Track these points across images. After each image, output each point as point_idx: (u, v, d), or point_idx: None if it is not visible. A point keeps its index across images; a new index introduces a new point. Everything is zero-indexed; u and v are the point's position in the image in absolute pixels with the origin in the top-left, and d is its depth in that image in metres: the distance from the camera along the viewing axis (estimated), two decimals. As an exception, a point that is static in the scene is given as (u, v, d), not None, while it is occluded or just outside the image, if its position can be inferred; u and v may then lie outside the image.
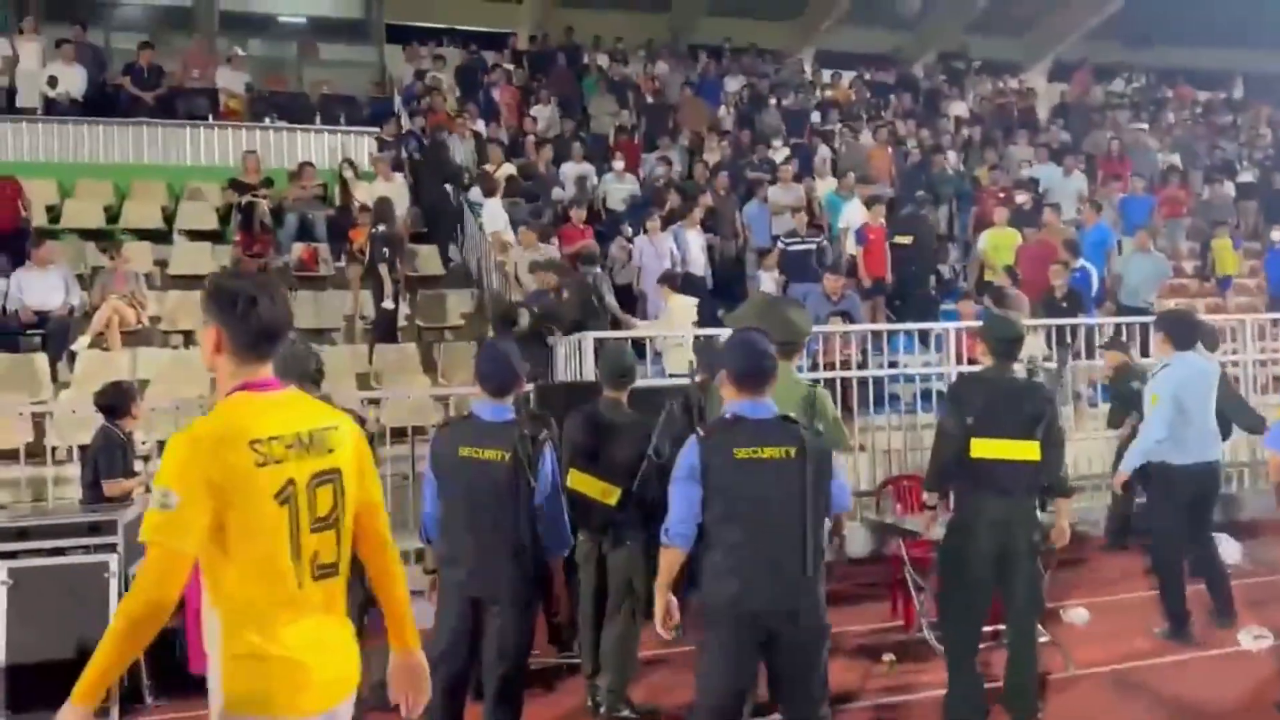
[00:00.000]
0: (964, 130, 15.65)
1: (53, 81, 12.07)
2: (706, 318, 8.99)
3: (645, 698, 4.98)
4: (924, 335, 9.21)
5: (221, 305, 2.35)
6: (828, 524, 3.60)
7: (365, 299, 10.29)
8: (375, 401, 8.81)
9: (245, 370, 2.35)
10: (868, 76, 17.57)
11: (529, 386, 6.22)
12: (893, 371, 8.66)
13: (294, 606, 2.30)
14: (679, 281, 9.95)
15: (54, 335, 8.83)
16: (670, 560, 3.38)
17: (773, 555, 3.27)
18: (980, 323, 5.73)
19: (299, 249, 11.02)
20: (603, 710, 4.83)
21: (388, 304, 9.79)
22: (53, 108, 12.10)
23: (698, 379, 5.81)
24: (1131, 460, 5.93)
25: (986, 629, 4.75)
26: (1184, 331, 5.82)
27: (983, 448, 4.41)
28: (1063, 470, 4.60)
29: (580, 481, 4.78)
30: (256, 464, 2.25)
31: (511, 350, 4.01)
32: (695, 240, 10.92)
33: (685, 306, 9.39)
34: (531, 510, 3.78)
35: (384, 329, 9.87)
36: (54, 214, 11.15)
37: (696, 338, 7.61)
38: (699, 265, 10.87)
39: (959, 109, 16.63)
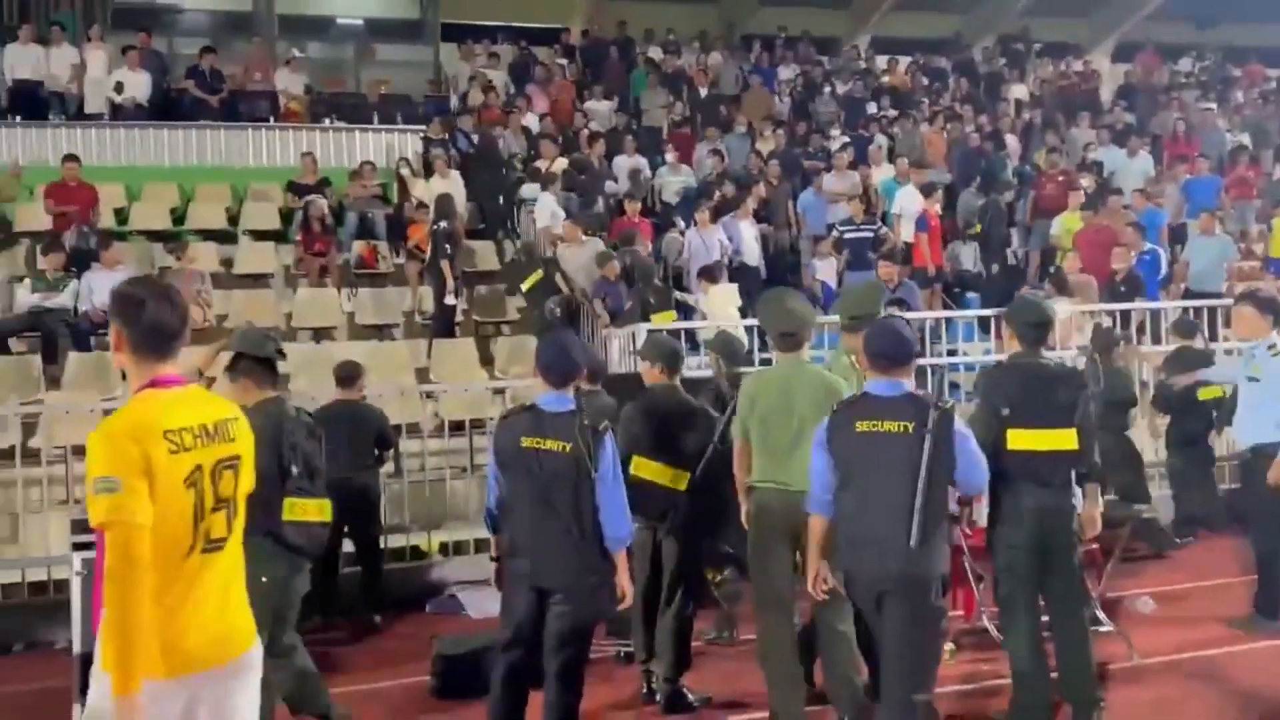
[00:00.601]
0: (1024, 114, 15.36)
1: (119, 87, 12.41)
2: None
3: (699, 685, 4.99)
4: (984, 322, 9.08)
5: (120, 309, 2.61)
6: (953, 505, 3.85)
7: (424, 294, 10.43)
8: (433, 395, 8.96)
9: (147, 368, 2.59)
10: (924, 62, 17.32)
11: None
12: (952, 360, 8.55)
13: (184, 578, 2.53)
14: (719, 274, 9.94)
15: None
16: (814, 527, 3.78)
17: (880, 526, 3.51)
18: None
19: (359, 247, 11.21)
20: (658, 698, 4.86)
21: (448, 299, 9.92)
22: (120, 113, 12.44)
23: (722, 370, 5.79)
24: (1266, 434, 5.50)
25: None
26: None
27: (1020, 439, 4.27)
28: (1094, 456, 4.44)
29: (646, 468, 4.77)
30: (170, 452, 2.50)
31: (573, 340, 4.04)
32: (748, 230, 10.88)
33: (725, 298, 9.40)
34: (593, 500, 3.80)
35: (443, 324, 9.99)
36: (122, 216, 11.47)
37: (722, 331, 7.54)
38: (752, 255, 10.83)
39: (1019, 92, 16.33)
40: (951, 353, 8.60)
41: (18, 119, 12.01)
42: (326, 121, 13.32)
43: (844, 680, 4.22)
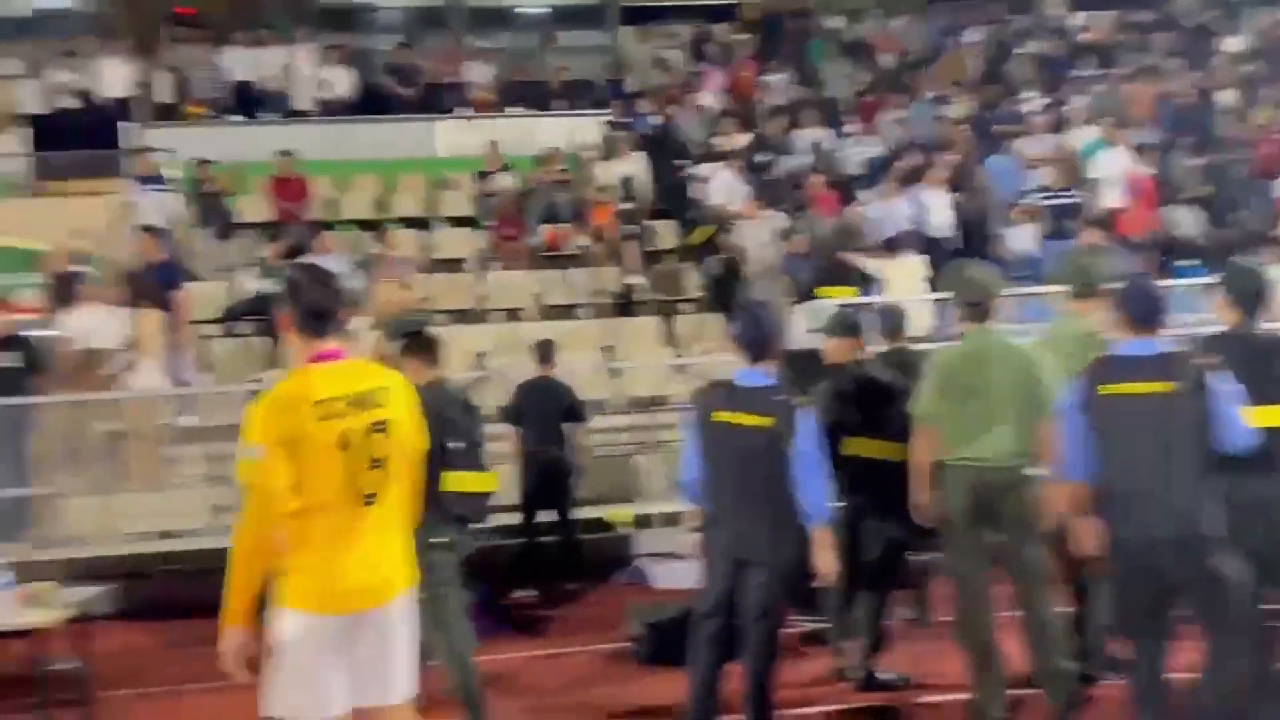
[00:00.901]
0: (1241, 68, 14.13)
1: (325, 85, 13.24)
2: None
3: (893, 666, 4.93)
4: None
5: (283, 293, 3.06)
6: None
7: (608, 275, 10.66)
8: (617, 373, 9.17)
9: (309, 345, 2.95)
10: (1126, 16, 16.17)
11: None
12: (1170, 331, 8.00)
13: (342, 529, 2.87)
14: (903, 246, 9.66)
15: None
16: (1070, 493, 3.73)
17: (1138, 486, 3.50)
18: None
19: (545, 230, 11.55)
20: (850, 676, 4.83)
21: (630, 279, 10.10)
22: (326, 109, 13.27)
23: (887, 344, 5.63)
24: None
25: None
26: None
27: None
28: None
29: (862, 446, 4.72)
30: (319, 419, 2.84)
31: (769, 314, 4.04)
32: (938, 200, 10.51)
33: (907, 271, 9.15)
34: (791, 476, 3.79)
35: (626, 303, 10.19)
36: (331, 207, 12.24)
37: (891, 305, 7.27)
38: (943, 226, 10.46)
39: (1234, 45, 15.02)
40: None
41: (239, 118, 13.02)
42: (513, 109, 13.76)
43: (1054, 668, 4.08)
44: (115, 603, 6.05)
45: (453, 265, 11.41)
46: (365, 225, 11.90)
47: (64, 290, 8.63)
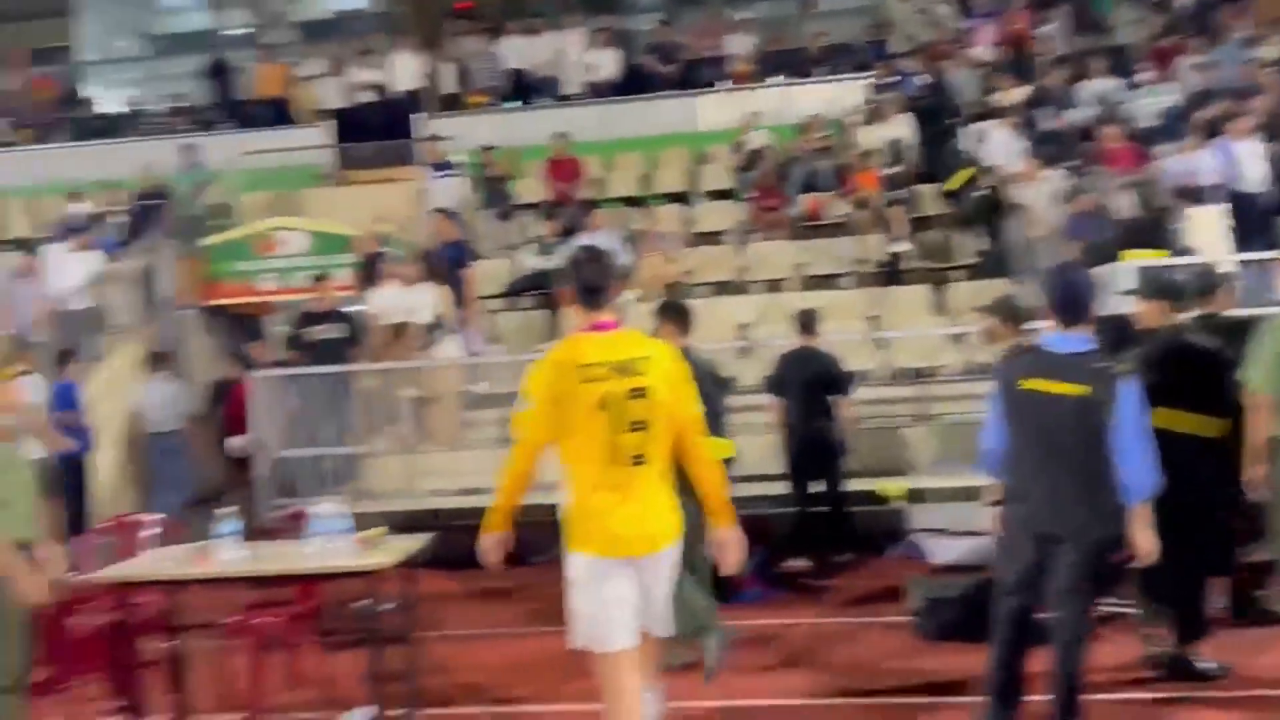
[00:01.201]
0: None
1: (592, 68, 13.73)
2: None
3: (1215, 656, 4.55)
4: None
5: (565, 270, 3.45)
6: None
7: (872, 243, 10.42)
8: (884, 344, 8.95)
9: (585, 316, 3.32)
10: None
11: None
12: None
13: (613, 484, 3.21)
14: (1204, 200, 8.75)
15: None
16: None
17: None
18: None
19: (806, 200, 11.44)
20: (1162, 664, 4.50)
21: (896, 246, 9.82)
22: (594, 91, 13.76)
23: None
24: None
25: None
26: None
27: None
28: None
29: (1173, 419, 4.37)
30: (582, 381, 3.18)
31: (1083, 275, 3.79)
32: (1249, 151, 9.45)
33: (1209, 224, 8.29)
34: (1106, 448, 3.57)
35: (893, 272, 9.92)
36: (599, 185, 12.71)
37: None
38: (1255, 179, 9.40)
39: None
40: None
41: (516, 104, 13.77)
42: (773, 79, 13.69)
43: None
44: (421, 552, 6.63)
45: (713, 238, 11.55)
46: (630, 202, 12.28)
47: (370, 269, 9.50)
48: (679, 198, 12.36)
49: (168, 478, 8.88)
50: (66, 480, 7.53)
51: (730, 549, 3.44)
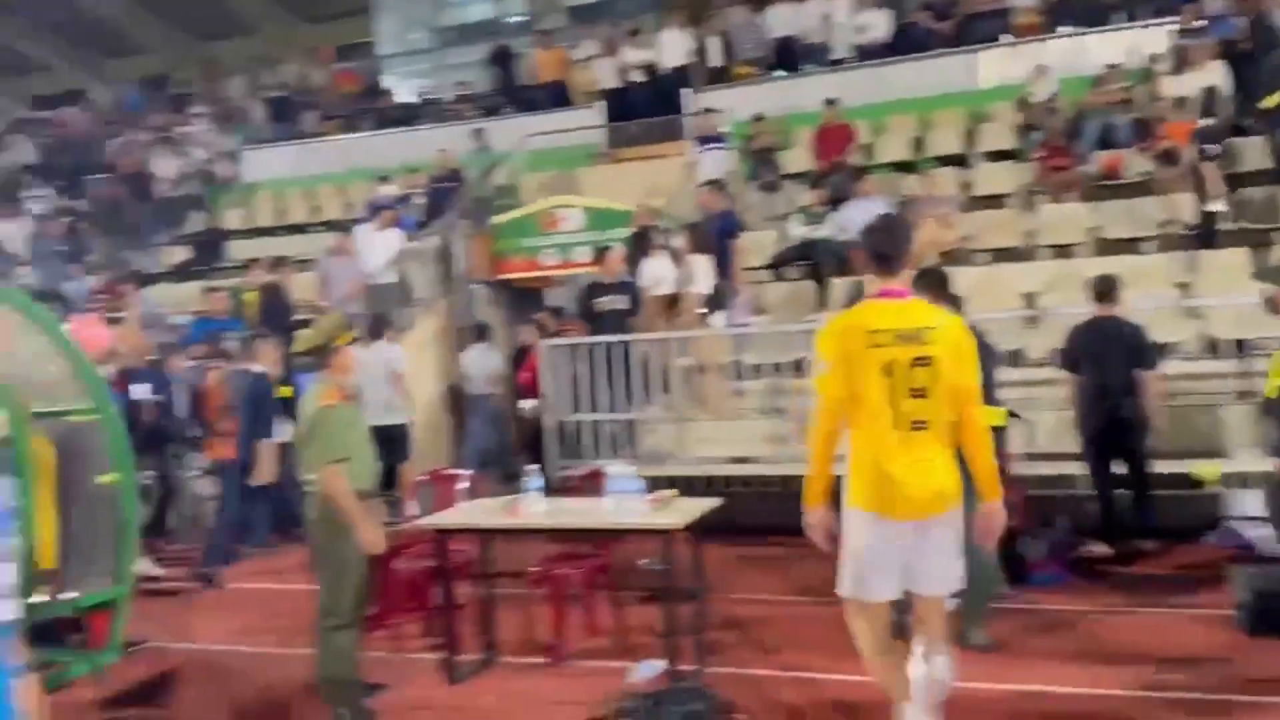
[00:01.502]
0: None
1: (861, 30, 13.32)
2: None
3: None
4: None
5: (859, 238, 3.60)
6: None
7: (1181, 202, 9.46)
8: (1196, 313, 8.14)
9: (877, 282, 3.45)
10: None
11: None
12: None
13: (896, 448, 3.32)
14: None
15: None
16: None
17: None
18: None
19: (1101, 157, 10.57)
20: None
21: (1211, 205, 8.87)
22: (863, 54, 13.35)
23: None
24: None
25: None
26: None
27: None
28: None
29: None
30: (868, 346, 3.32)
31: None
32: None
33: None
34: None
35: (1206, 233, 8.98)
36: (867, 151, 12.34)
37: None
38: None
39: None
40: None
41: (782, 73, 13.62)
42: (1061, 29, 12.71)
43: None
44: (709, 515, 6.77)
45: (994, 201, 10.93)
46: (902, 167, 11.84)
47: (643, 243, 9.74)
48: (955, 160, 11.78)
49: (479, 436, 9.77)
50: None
51: (993, 521, 3.49)
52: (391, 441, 8.02)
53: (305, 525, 4.59)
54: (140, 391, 8.51)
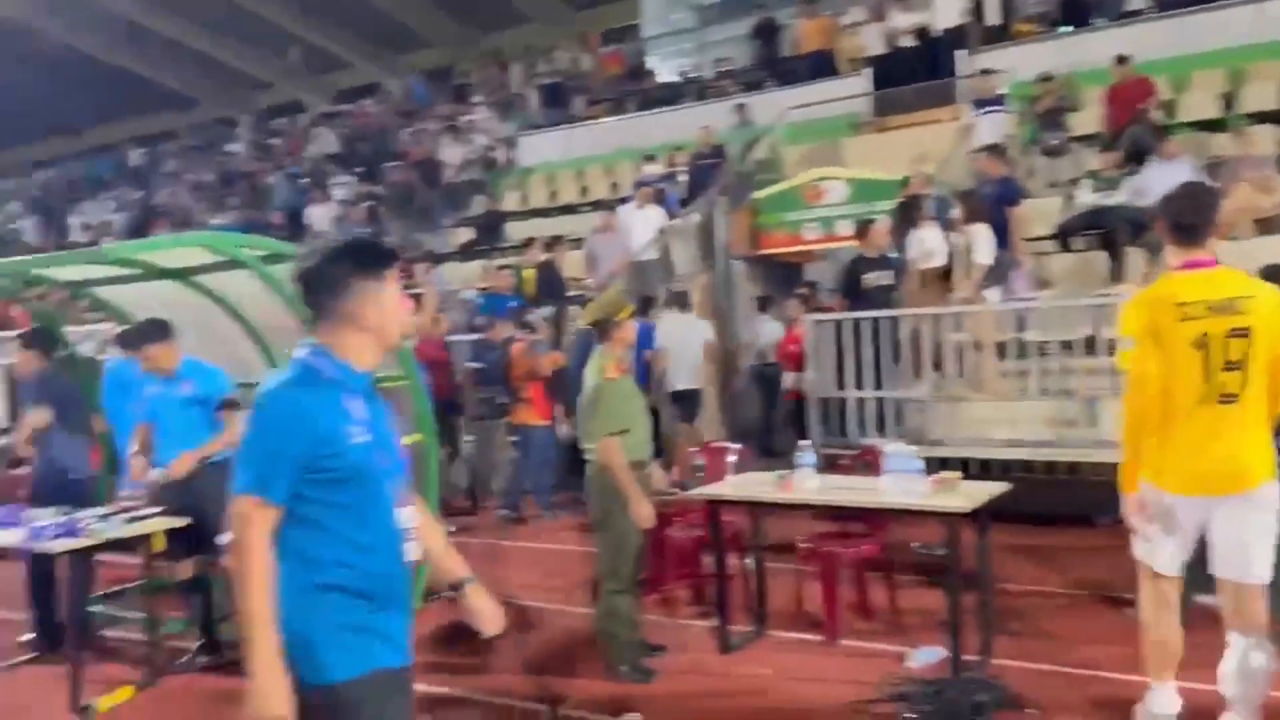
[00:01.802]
0: None
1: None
2: None
3: None
4: None
5: (1159, 207, 3.45)
6: None
7: None
8: None
9: (1180, 253, 3.31)
10: None
11: None
12: None
13: (1201, 422, 3.21)
14: None
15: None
16: None
17: None
18: None
19: None
20: None
21: None
22: (1161, 4, 12.14)
23: None
24: None
25: None
26: None
27: None
28: None
29: None
30: (1178, 319, 3.20)
31: None
32: None
33: None
34: None
35: None
36: (1168, 109, 11.22)
37: None
38: None
39: None
40: None
41: (1069, 28, 12.64)
42: None
43: None
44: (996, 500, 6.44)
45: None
46: (1209, 126, 10.70)
47: (910, 213, 9.34)
48: (1272, 117, 10.49)
49: (748, 407, 10.13)
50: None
51: None
52: (688, 402, 9.25)
53: (585, 493, 4.78)
54: (461, 361, 9.38)
